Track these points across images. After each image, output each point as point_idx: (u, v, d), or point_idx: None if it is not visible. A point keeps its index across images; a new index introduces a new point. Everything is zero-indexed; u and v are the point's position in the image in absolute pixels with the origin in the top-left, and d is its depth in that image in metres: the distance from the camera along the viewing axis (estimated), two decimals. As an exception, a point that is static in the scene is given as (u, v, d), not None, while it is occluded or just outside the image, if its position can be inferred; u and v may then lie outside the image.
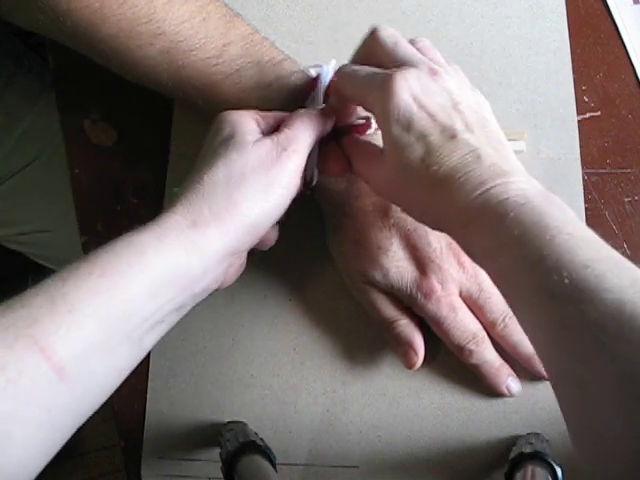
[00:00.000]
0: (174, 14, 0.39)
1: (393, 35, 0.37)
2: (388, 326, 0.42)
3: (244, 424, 0.43)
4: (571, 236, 0.29)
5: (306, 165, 0.38)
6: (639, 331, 0.25)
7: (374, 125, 0.41)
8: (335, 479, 0.44)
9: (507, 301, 0.32)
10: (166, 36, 0.40)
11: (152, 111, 0.48)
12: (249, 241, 0.36)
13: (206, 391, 0.45)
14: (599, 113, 0.47)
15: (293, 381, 0.45)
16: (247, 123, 0.37)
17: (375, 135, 0.41)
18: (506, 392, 0.42)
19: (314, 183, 0.40)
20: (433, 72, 0.35)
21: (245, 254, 0.39)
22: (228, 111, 0.38)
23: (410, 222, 0.41)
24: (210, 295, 0.46)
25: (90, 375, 0.30)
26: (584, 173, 0.46)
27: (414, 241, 0.40)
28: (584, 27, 0.49)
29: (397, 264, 0.40)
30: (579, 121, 0.47)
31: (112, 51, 0.40)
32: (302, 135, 0.37)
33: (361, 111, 0.41)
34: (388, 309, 0.42)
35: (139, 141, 0.49)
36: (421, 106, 0.34)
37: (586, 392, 0.26)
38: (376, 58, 0.37)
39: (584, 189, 0.46)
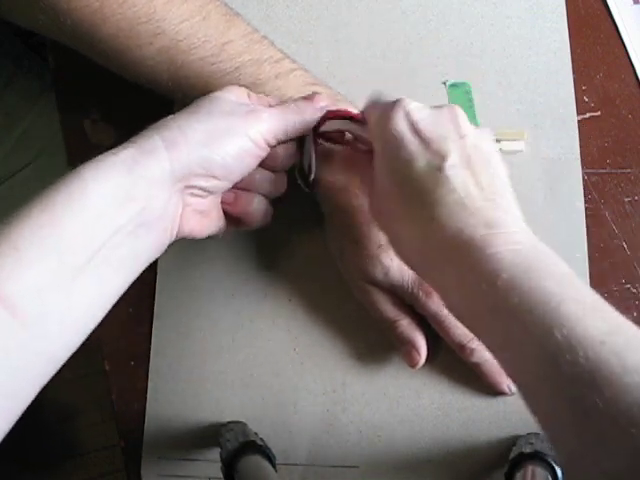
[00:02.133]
0: (174, 13, 0.39)
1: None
2: (390, 326, 0.42)
3: (244, 424, 0.43)
4: (578, 303, 0.26)
5: (302, 157, 0.39)
6: None
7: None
8: (335, 479, 0.44)
9: (504, 367, 0.30)
10: (166, 35, 0.40)
11: (152, 111, 0.48)
12: (203, 176, 0.35)
13: (206, 391, 0.45)
14: (599, 113, 0.47)
15: (293, 381, 0.45)
16: (238, 89, 0.37)
17: None
18: (507, 390, 0.42)
19: (312, 177, 0.40)
20: (441, 106, 0.34)
21: (216, 208, 0.38)
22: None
23: None
24: (210, 295, 0.46)
25: (48, 313, 0.29)
26: (584, 173, 0.46)
27: None
28: (584, 27, 0.49)
29: (398, 262, 0.40)
30: (579, 121, 0.47)
31: (112, 51, 0.40)
32: (281, 111, 0.37)
33: None
34: (389, 308, 0.42)
35: (139, 141, 0.49)
36: (416, 131, 0.33)
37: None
38: None
39: (584, 189, 0.46)
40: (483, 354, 0.41)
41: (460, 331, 0.40)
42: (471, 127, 0.34)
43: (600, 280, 0.45)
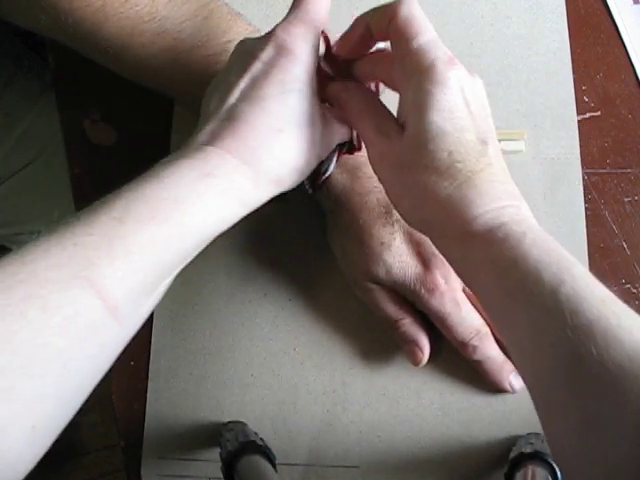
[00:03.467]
0: (176, 12, 0.39)
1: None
2: (392, 324, 0.42)
3: (244, 424, 0.43)
4: (584, 270, 0.29)
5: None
6: None
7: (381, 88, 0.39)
8: (335, 479, 0.44)
9: (497, 319, 0.32)
10: (168, 34, 0.40)
11: (152, 111, 0.48)
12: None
13: (206, 391, 0.45)
14: (599, 113, 0.47)
15: (293, 381, 0.45)
16: (312, 60, 0.35)
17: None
18: (509, 388, 0.42)
19: (324, 178, 0.40)
20: (471, 73, 0.34)
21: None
22: (285, 32, 0.35)
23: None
24: (210, 295, 0.46)
25: (139, 313, 0.31)
26: (584, 173, 0.46)
27: (417, 236, 0.40)
28: (584, 27, 0.49)
29: (400, 259, 0.40)
30: (579, 121, 0.47)
31: (114, 50, 0.40)
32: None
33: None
34: (392, 307, 0.42)
35: (139, 141, 0.49)
36: (467, 103, 0.33)
37: (599, 433, 0.26)
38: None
39: (584, 189, 0.46)
40: (485, 351, 0.41)
41: (462, 329, 0.40)
42: (482, 86, 0.35)
43: (600, 280, 0.44)
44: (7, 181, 0.66)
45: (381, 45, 0.38)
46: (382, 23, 0.34)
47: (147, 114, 0.49)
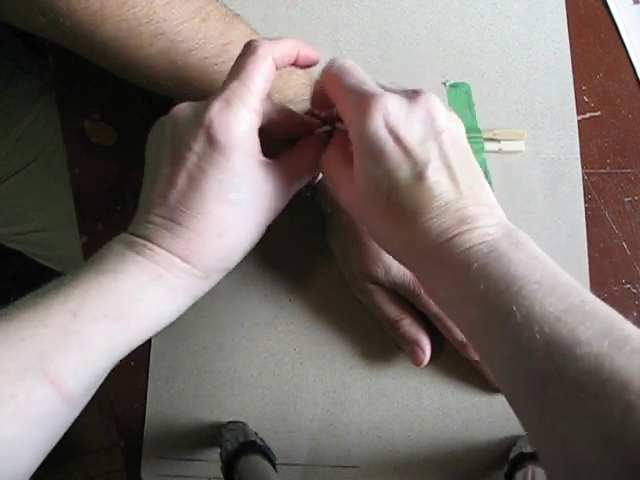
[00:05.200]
0: (174, 14, 0.39)
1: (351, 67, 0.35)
2: (393, 325, 0.42)
3: (244, 424, 0.43)
4: (540, 285, 0.28)
5: None
6: (619, 388, 0.24)
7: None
8: (335, 479, 0.44)
9: (477, 351, 0.32)
10: (166, 36, 0.39)
11: (152, 111, 0.48)
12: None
13: (206, 391, 0.45)
14: (599, 113, 0.47)
15: (293, 381, 0.45)
16: (248, 144, 0.34)
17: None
18: None
19: (317, 179, 0.40)
20: (416, 93, 0.33)
21: None
22: (216, 122, 0.33)
23: None
24: (210, 295, 0.46)
25: (89, 396, 0.33)
26: (584, 173, 0.46)
27: None
28: (584, 27, 0.49)
29: None
30: (579, 121, 0.47)
31: (112, 52, 0.40)
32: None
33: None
34: (392, 308, 0.42)
35: (139, 141, 0.49)
36: (397, 139, 0.32)
37: (571, 452, 0.25)
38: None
39: (584, 189, 0.46)
40: None
41: None
42: (446, 118, 0.33)
43: (600, 280, 0.45)
44: (7, 181, 0.66)
45: None
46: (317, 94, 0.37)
47: (147, 114, 0.49)
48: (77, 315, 0.30)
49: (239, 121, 0.33)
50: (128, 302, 0.32)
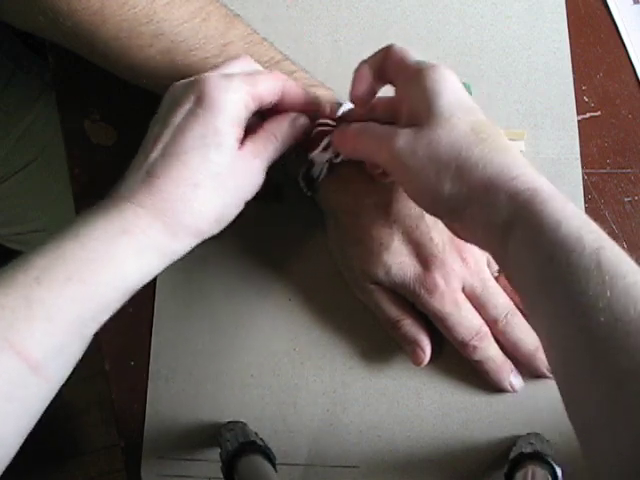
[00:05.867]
0: (174, 15, 0.39)
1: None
2: (393, 325, 0.42)
3: (244, 424, 0.43)
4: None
5: (309, 164, 0.39)
6: None
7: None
8: (335, 479, 0.44)
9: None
10: (166, 36, 0.40)
11: (152, 111, 0.48)
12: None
13: (206, 391, 0.45)
14: (599, 113, 0.47)
15: (293, 381, 0.45)
16: (235, 112, 0.35)
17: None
18: (509, 388, 0.42)
19: (321, 178, 0.40)
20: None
21: None
22: (212, 83, 0.35)
23: (412, 218, 0.41)
24: (210, 295, 0.46)
25: (63, 366, 0.32)
26: (584, 173, 0.46)
27: (416, 237, 0.40)
28: (584, 27, 0.49)
29: (399, 260, 0.40)
30: (579, 121, 0.47)
31: (112, 52, 0.40)
32: (272, 142, 0.37)
33: None
34: (392, 308, 0.42)
35: (139, 141, 0.49)
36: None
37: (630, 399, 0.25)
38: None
39: (584, 189, 0.46)
40: (485, 351, 0.41)
41: (462, 329, 0.40)
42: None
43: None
44: (7, 181, 0.66)
45: None
46: (379, 59, 0.38)
47: (147, 114, 0.49)
48: (40, 282, 0.30)
49: (232, 91, 0.35)
50: (91, 263, 0.31)
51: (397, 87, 0.37)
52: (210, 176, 0.34)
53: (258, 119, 0.38)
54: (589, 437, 0.28)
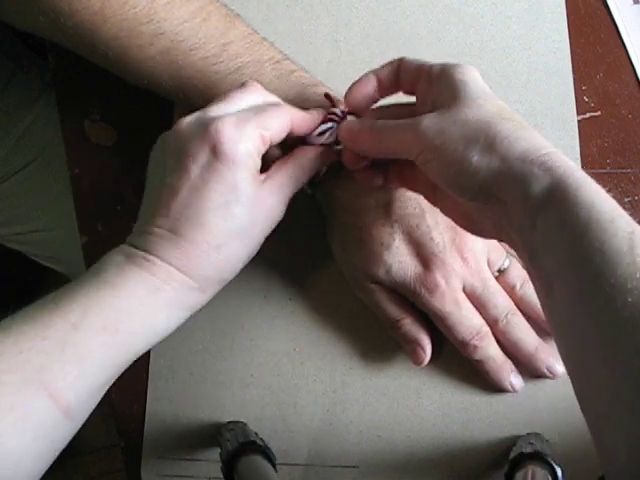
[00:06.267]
0: (174, 14, 0.39)
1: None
2: (393, 324, 0.42)
3: (244, 424, 0.43)
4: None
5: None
6: None
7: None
8: (335, 479, 0.44)
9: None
10: (166, 36, 0.40)
11: (152, 111, 0.48)
12: None
13: (206, 391, 0.45)
14: (599, 113, 0.47)
15: (293, 381, 0.45)
16: (251, 163, 0.35)
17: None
18: (510, 388, 0.42)
19: (320, 176, 0.40)
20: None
21: None
22: (225, 135, 0.34)
23: (413, 218, 0.41)
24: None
25: (89, 409, 0.33)
26: (584, 173, 0.46)
27: (417, 237, 0.40)
28: (584, 27, 0.49)
29: (400, 259, 0.40)
30: (579, 121, 0.47)
31: (113, 52, 0.40)
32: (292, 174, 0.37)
33: None
34: (392, 307, 0.42)
35: (139, 141, 0.49)
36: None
37: None
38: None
39: (584, 189, 0.46)
40: (486, 351, 0.41)
41: (463, 328, 0.40)
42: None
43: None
44: (7, 181, 0.66)
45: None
46: (390, 70, 0.38)
47: (147, 114, 0.49)
48: (77, 327, 0.31)
49: (247, 141, 0.34)
50: (127, 314, 0.33)
51: (419, 91, 0.37)
52: (233, 234, 0.35)
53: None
54: (601, 432, 0.28)
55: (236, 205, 0.34)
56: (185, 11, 0.40)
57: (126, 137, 0.49)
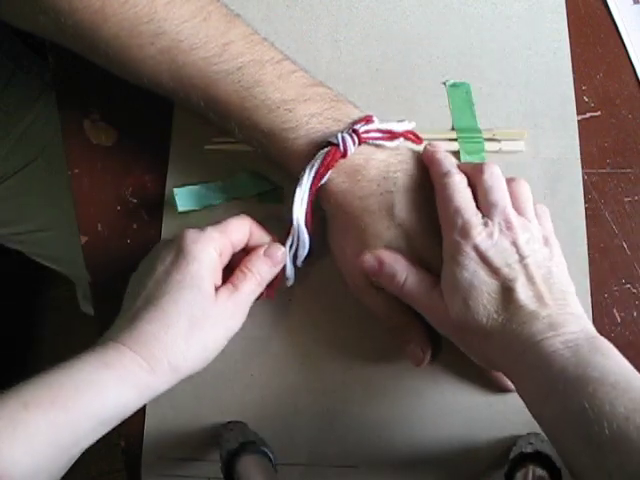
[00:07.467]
0: (175, 14, 0.39)
1: (494, 174, 0.39)
2: (392, 326, 0.42)
3: (244, 424, 0.43)
4: (613, 387, 0.31)
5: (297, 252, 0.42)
6: None
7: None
8: (335, 479, 0.44)
9: (554, 445, 0.34)
10: (167, 35, 0.40)
11: (152, 111, 0.48)
12: None
13: (206, 391, 0.45)
14: (599, 113, 0.47)
15: (293, 381, 0.45)
16: (209, 260, 0.39)
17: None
18: (511, 388, 0.42)
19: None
20: (508, 226, 0.37)
21: None
22: (189, 238, 0.39)
23: (415, 223, 0.40)
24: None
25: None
26: (584, 173, 0.46)
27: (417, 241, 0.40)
28: (584, 27, 0.49)
29: None
30: (579, 121, 0.47)
31: (113, 51, 0.40)
32: (256, 277, 0.41)
33: None
34: (392, 309, 0.42)
35: (139, 141, 0.49)
36: (486, 263, 0.37)
37: None
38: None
39: (584, 189, 0.46)
40: None
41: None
42: (529, 244, 0.37)
43: (600, 280, 0.45)
44: (7, 181, 0.66)
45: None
46: None
47: (147, 114, 0.49)
48: (27, 406, 0.33)
49: (208, 241, 0.39)
50: (74, 391, 0.34)
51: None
52: (183, 317, 0.37)
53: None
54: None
55: (190, 291, 0.38)
56: (185, 10, 0.40)
57: (126, 137, 0.49)
